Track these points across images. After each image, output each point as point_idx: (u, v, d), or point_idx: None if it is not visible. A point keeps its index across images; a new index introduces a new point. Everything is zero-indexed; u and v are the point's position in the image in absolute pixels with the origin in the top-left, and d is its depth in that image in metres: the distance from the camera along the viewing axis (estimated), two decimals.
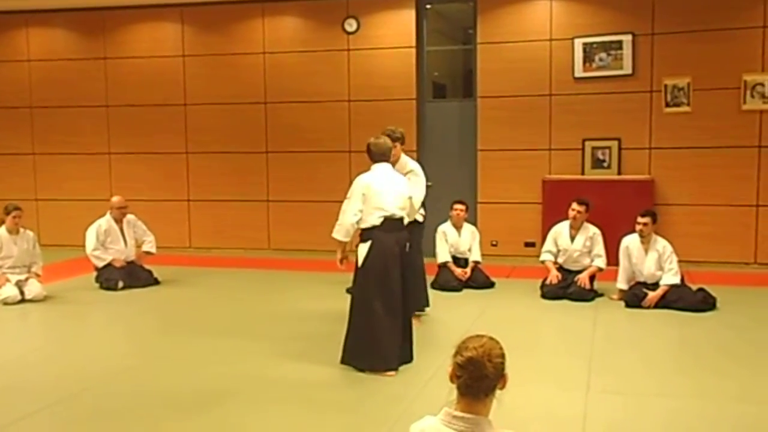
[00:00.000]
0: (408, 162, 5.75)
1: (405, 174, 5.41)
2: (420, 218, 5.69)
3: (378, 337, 4.51)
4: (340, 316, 5.81)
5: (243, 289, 7.26)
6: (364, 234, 4.66)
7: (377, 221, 4.61)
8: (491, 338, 2.11)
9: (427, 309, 5.95)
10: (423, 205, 5.66)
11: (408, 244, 4.78)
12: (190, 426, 3.73)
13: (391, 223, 4.64)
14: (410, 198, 4.96)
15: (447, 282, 6.97)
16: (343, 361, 4.65)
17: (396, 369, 4.52)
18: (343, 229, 4.77)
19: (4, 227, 6.79)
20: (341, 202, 4.93)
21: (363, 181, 4.72)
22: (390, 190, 4.70)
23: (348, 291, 6.74)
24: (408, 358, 4.68)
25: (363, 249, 4.62)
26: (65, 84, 9.88)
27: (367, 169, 4.96)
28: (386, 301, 4.54)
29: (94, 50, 9.77)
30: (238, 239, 9.50)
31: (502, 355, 2.08)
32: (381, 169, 4.80)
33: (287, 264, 8.57)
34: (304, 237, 9.24)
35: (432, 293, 6.32)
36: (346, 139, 9.11)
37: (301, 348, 5.11)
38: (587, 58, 8.31)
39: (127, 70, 9.69)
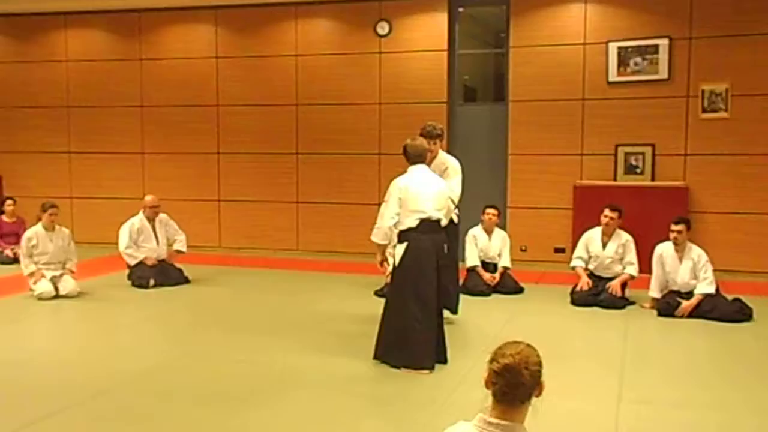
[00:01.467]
0: (446, 159, 5.73)
1: (443, 170, 5.42)
2: (455, 218, 5.67)
3: (412, 336, 4.56)
4: (369, 317, 5.85)
5: (272, 289, 7.30)
6: (401, 236, 4.72)
7: (414, 223, 4.66)
8: (528, 345, 2.08)
9: (453, 316, 5.89)
10: (457, 206, 5.64)
11: (446, 246, 4.83)
12: (222, 422, 3.76)
13: (427, 224, 4.68)
14: (449, 198, 4.97)
15: (475, 286, 6.93)
16: (376, 357, 4.71)
17: (430, 368, 4.56)
18: (381, 233, 4.85)
19: (40, 224, 6.92)
20: (370, 204, 4.98)
21: (400, 184, 4.76)
22: (427, 191, 4.73)
23: (376, 293, 6.78)
24: (442, 359, 4.71)
25: (399, 250, 4.69)
26: (101, 84, 10.03)
27: (398, 172, 4.99)
28: (421, 302, 4.59)
29: (129, 51, 9.92)
30: (267, 240, 9.56)
31: (539, 363, 2.06)
32: (417, 170, 4.83)
33: (315, 265, 8.60)
34: (333, 239, 9.27)
35: (460, 298, 6.29)
36: (377, 142, 9.13)
37: (332, 346, 5.14)
38: (622, 63, 8.21)
39: (162, 71, 9.82)
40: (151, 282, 7.22)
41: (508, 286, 7.04)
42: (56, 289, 6.73)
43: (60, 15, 10.05)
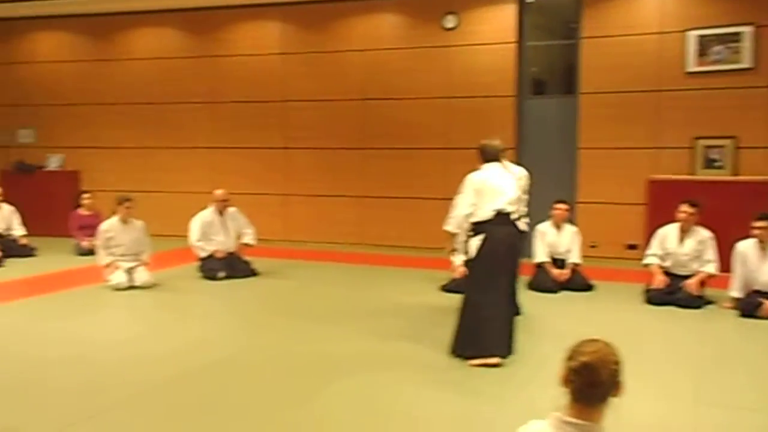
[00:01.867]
0: (511, 168, 5.65)
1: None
2: (524, 226, 5.53)
3: (489, 325, 4.58)
4: (435, 311, 5.83)
5: (337, 282, 7.34)
6: (477, 228, 4.75)
7: (490, 215, 4.70)
8: (607, 343, 2.03)
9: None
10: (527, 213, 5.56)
11: (519, 238, 4.89)
12: (295, 408, 3.79)
13: (502, 217, 4.73)
14: (522, 196, 5.02)
15: (543, 283, 6.78)
16: (454, 352, 4.71)
17: (503, 356, 4.57)
18: (454, 222, 4.94)
19: (116, 217, 7.13)
20: (436, 199, 4.99)
21: (476, 177, 4.86)
22: (502, 185, 4.81)
23: (443, 288, 6.72)
24: (512, 352, 4.72)
25: (476, 241, 4.72)
26: (173, 81, 10.30)
27: (464, 166, 5.08)
28: (497, 293, 4.63)
29: (200, 49, 10.15)
30: (332, 233, 9.62)
31: (618, 362, 2.01)
32: (492, 167, 4.92)
33: (380, 259, 8.61)
34: (398, 233, 9.26)
35: (528, 295, 6.18)
36: (443, 136, 9.05)
37: (399, 339, 5.13)
38: (701, 52, 7.87)
39: (231, 68, 10.00)
40: (221, 274, 7.36)
41: (578, 283, 6.86)
42: (131, 279, 6.93)
43: (134, 14, 10.37)
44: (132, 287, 6.89)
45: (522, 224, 5.16)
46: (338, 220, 9.62)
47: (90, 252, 8.39)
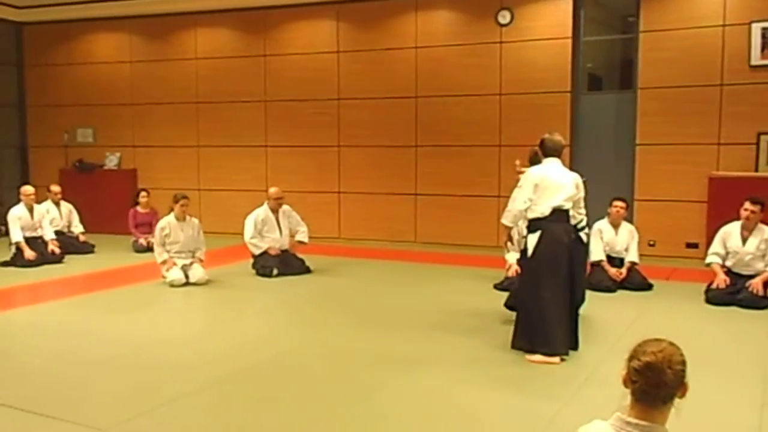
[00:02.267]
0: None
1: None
2: (584, 237, 5.41)
3: (546, 323, 4.57)
4: (490, 310, 5.78)
5: (391, 280, 7.35)
6: (533, 224, 4.74)
7: (547, 211, 4.68)
8: (671, 343, 1.98)
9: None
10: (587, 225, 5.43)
11: (579, 237, 4.83)
12: (351, 404, 3.82)
13: (559, 214, 4.71)
14: (580, 195, 4.91)
15: (600, 282, 6.65)
16: (514, 346, 4.74)
17: (564, 354, 4.57)
18: (511, 215, 4.95)
19: (172, 214, 7.26)
20: (490, 197, 4.97)
21: (536, 172, 4.83)
22: (560, 182, 4.77)
23: (496, 287, 6.67)
24: (574, 346, 4.72)
25: (533, 239, 4.71)
26: (228, 80, 10.44)
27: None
28: (555, 289, 4.61)
29: (254, 48, 10.28)
30: (386, 231, 9.64)
31: (683, 362, 1.96)
32: (552, 163, 4.87)
33: (434, 257, 8.59)
34: (451, 231, 9.22)
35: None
36: (497, 133, 8.97)
37: (455, 337, 5.13)
38: (766, 44, 7.60)
39: (285, 66, 10.11)
40: (274, 271, 7.44)
41: (636, 281, 6.71)
42: (186, 276, 7.05)
43: (190, 15, 10.56)
44: (188, 284, 7.01)
45: (582, 235, 5.06)
46: (392, 218, 9.63)
47: (147, 249, 8.59)
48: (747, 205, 6.21)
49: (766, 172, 7.63)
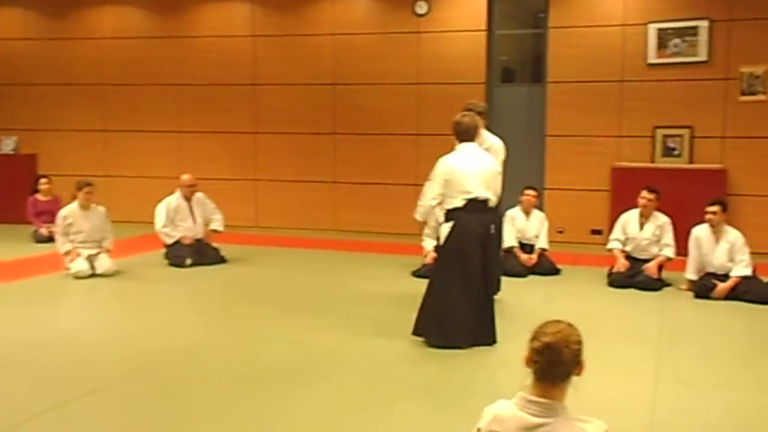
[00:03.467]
0: (489, 138, 5.68)
1: (485, 150, 5.38)
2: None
3: (451, 315, 4.60)
4: (407, 298, 5.88)
5: (309, 269, 7.34)
6: (448, 215, 4.71)
7: (461, 203, 4.64)
8: (569, 324, 2.11)
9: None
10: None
11: (493, 227, 4.79)
12: (257, 401, 3.82)
13: (474, 204, 4.65)
14: (499, 174, 4.92)
15: (512, 268, 6.92)
16: (415, 332, 4.73)
17: (465, 347, 4.60)
18: (422, 210, 4.93)
19: (76, 202, 6.94)
20: (408, 185, 5.01)
21: (447, 164, 4.72)
22: (475, 171, 4.68)
23: (414, 274, 6.82)
24: (491, 341, 4.72)
25: (445, 229, 4.69)
26: (137, 62, 10.07)
27: (435, 152, 5.02)
28: (464, 281, 4.61)
29: (165, 29, 9.95)
30: (303, 219, 9.62)
31: (580, 342, 2.08)
32: (466, 149, 4.79)
33: (352, 245, 8.64)
34: (370, 219, 9.30)
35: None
36: (414, 122, 9.11)
37: (370, 326, 5.19)
38: (661, 44, 8.08)
39: (198, 49, 9.85)
40: (188, 261, 7.24)
41: (545, 267, 7.03)
42: (92, 267, 6.76)
43: None
44: (94, 275, 6.73)
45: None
46: (310, 206, 9.61)
47: (49, 239, 8.05)
48: (644, 193, 6.62)
49: (662, 164, 8.12)
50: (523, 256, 7.03)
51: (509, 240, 7.10)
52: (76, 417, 3.59)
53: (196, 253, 7.37)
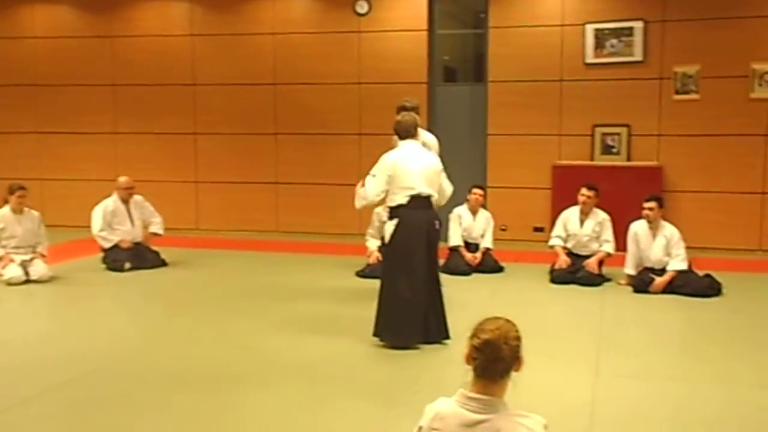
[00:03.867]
0: (422, 134, 5.70)
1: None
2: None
3: (400, 313, 4.61)
4: (350, 298, 5.89)
5: (251, 271, 7.26)
6: (392, 212, 4.73)
7: (404, 200, 4.66)
8: (507, 321, 2.11)
9: None
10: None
11: (437, 222, 4.82)
12: (200, 407, 3.74)
13: (418, 201, 4.68)
14: (442, 171, 4.96)
15: (457, 266, 6.97)
16: (375, 334, 4.73)
17: (417, 345, 4.63)
18: (363, 201, 4.85)
19: (7, 207, 6.74)
20: (350, 185, 4.95)
21: (390, 160, 4.74)
22: (417, 168, 4.72)
23: (358, 274, 6.79)
24: (444, 336, 4.75)
25: (390, 227, 4.71)
26: (70, 62, 9.80)
27: (378, 152, 5.01)
28: (410, 279, 4.63)
29: (100, 28, 9.71)
30: (246, 221, 9.49)
31: (518, 338, 2.08)
32: (408, 146, 4.82)
33: (296, 247, 8.58)
34: (313, 220, 9.24)
35: (441, 277, 6.31)
36: (357, 122, 9.09)
37: (314, 327, 5.16)
38: (598, 44, 8.25)
39: (134, 49, 9.64)
40: (127, 265, 7.10)
41: (489, 265, 7.09)
42: (27, 273, 6.58)
43: None
44: (28, 281, 6.54)
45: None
46: (252, 208, 9.49)
47: None
48: (583, 190, 6.75)
49: (601, 161, 8.30)
50: (468, 255, 7.08)
51: (455, 239, 7.13)
52: (7, 427, 3.46)
53: (135, 256, 7.24)
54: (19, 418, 3.57)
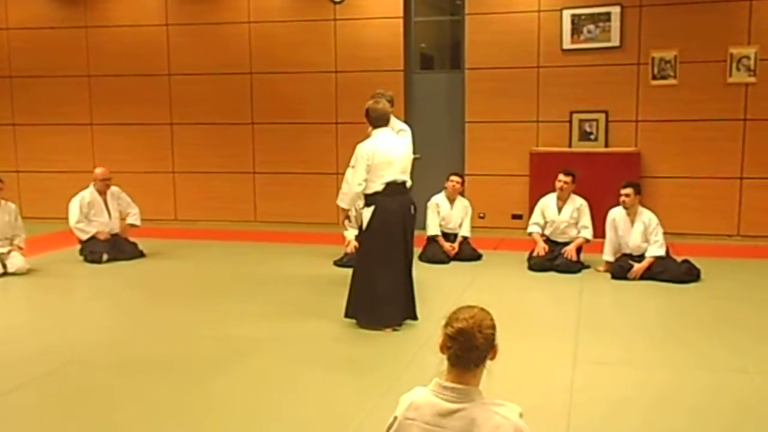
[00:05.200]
0: (397, 123, 5.76)
1: (396, 133, 5.42)
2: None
3: (379, 298, 4.71)
4: (328, 286, 5.88)
5: (230, 262, 7.23)
6: (368, 199, 4.80)
7: (380, 187, 4.74)
8: (482, 309, 2.09)
9: None
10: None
11: (413, 207, 4.93)
12: (183, 393, 3.73)
13: (393, 187, 4.78)
14: (414, 159, 5.06)
15: (435, 255, 6.97)
16: (347, 315, 4.85)
17: (398, 326, 4.76)
18: (348, 198, 5.04)
19: None
20: (328, 174, 4.96)
21: (366, 149, 4.80)
22: (393, 155, 4.81)
23: (336, 263, 6.78)
24: (412, 316, 4.90)
25: (367, 213, 4.78)
26: (45, 53, 9.70)
27: (355, 140, 5.02)
28: (388, 264, 4.74)
29: (74, 18, 9.59)
30: (224, 211, 9.44)
31: (493, 326, 2.07)
32: (382, 134, 4.89)
33: (274, 236, 8.54)
34: (291, 209, 9.21)
35: (420, 266, 6.34)
36: (333, 111, 9.04)
37: (292, 314, 5.18)
38: (575, 30, 8.26)
39: (109, 39, 9.53)
40: (104, 257, 7.07)
41: (467, 253, 7.09)
42: (4, 266, 6.54)
43: None
44: (5, 274, 6.50)
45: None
46: (230, 197, 9.43)
47: None
48: (560, 176, 6.77)
49: (579, 147, 8.33)
50: (446, 245, 7.07)
51: (433, 228, 7.12)
52: None
53: (113, 248, 7.20)
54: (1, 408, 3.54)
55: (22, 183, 9.77)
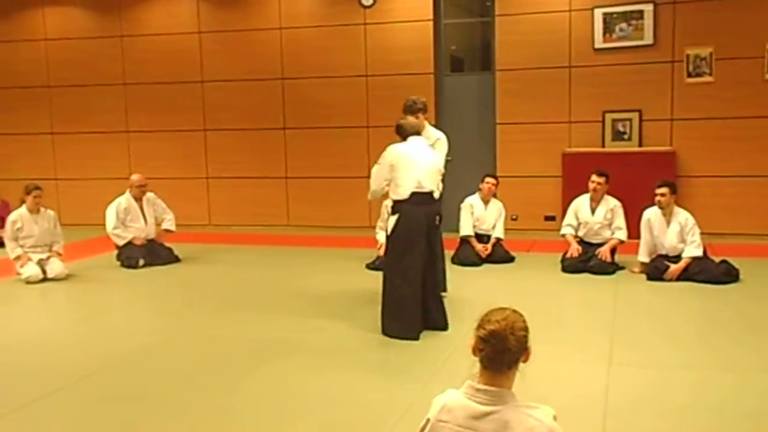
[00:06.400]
0: (433, 132, 5.69)
1: (432, 144, 5.39)
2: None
3: (400, 306, 4.67)
4: (361, 290, 5.89)
5: (263, 265, 7.29)
6: (394, 207, 4.80)
7: (406, 194, 4.72)
8: (514, 311, 2.08)
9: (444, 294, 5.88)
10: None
11: (439, 217, 4.91)
12: (217, 398, 3.77)
13: (419, 196, 4.75)
14: (442, 172, 5.04)
15: (467, 257, 6.94)
16: (383, 331, 4.78)
17: (415, 338, 4.66)
18: (373, 193, 5.03)
19: (24, 207, 6.85)
20: (359, 178, 5.00)
21: (396, 150, 4.82)
22: (421, 162, 4.80)
23: (368, 267, 6.79)
24: (442, 327, 4.81)
25: (392, 221, 4.78)
26: (82, 63, 9.90)
27: (386, 144, 5.02)
28: (409, 273, 4.68)
29: (109, 28, 9.78)
30: (257, 216, 9.53)
31: (525, 328, 2.06)
32: (414, 140, 4.91)
33: (306, 240, 8.59)
34: (323, 213, 9.26)
35: (452, 268, 6.31)
36: (364, 115, 9.07)
37: (325, 319, 5.16)
38: (607, 29, 8.17)
39: (144, 48, 9.70)
40: (141, 262, 7.18)
41: (500, 255, 7.05)
42: (44, 272, 6.67)
43: None
44: (45, 279, 6.64)
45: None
46: (262, 203, 9.53)
47: None
48: (594, 177, 6.69)
49: (612, 148, 8.23)
50: (479, 246, 7.04)
51: (467, 228, 7.09)
52: (29, 422, 3.51)
53: (149, 253, 7.31)
54: (38, 413, 3.61)
55: (61, 190, 9.99)
